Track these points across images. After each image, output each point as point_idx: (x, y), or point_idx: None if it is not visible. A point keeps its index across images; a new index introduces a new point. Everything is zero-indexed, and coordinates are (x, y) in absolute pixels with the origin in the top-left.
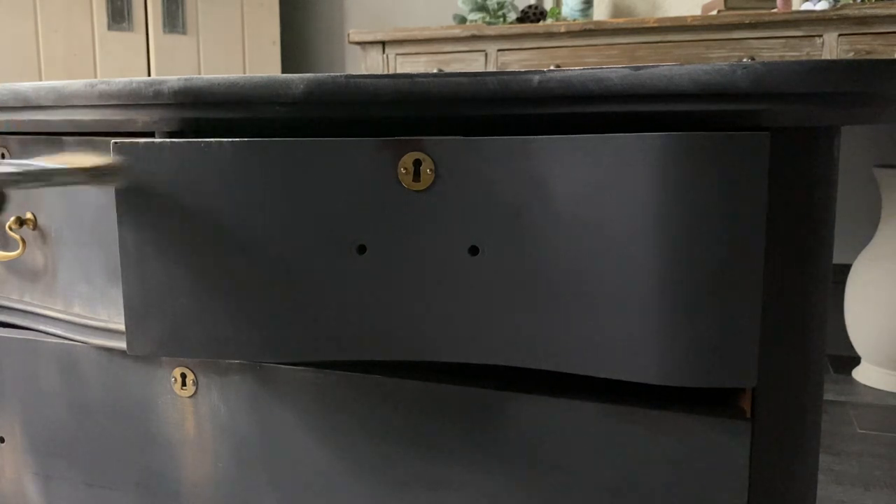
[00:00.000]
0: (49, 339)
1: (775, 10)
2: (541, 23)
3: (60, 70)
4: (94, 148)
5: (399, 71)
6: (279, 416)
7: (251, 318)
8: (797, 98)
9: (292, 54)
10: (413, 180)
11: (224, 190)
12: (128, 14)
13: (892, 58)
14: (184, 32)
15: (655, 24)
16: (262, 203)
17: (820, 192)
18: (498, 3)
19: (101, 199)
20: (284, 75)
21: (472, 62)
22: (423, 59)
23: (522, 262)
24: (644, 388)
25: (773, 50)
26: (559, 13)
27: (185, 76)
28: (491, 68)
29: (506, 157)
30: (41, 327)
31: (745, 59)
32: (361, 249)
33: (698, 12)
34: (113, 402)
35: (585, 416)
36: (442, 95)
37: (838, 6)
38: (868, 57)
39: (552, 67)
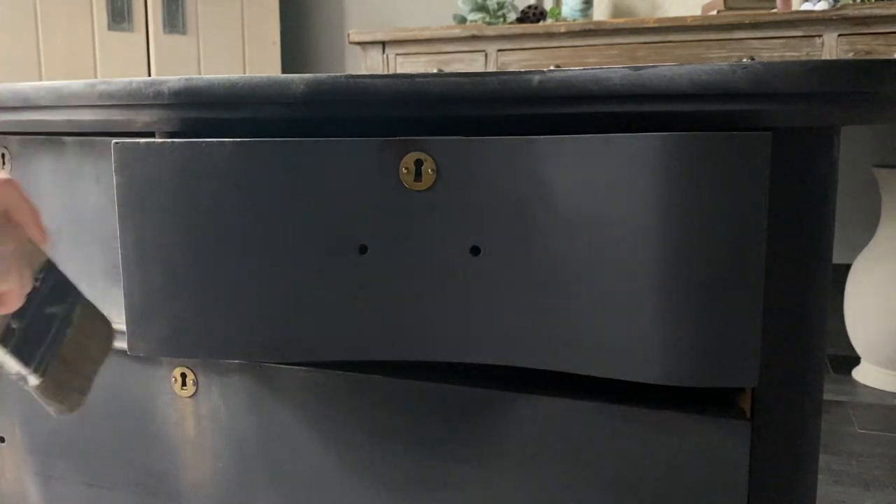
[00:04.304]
0: None
1: (775, 10)
2: (541, 23)
3: (60, 70)
4: (95, 148)
5: (399, 71)
6: (279, 416)
7: (251, 318)
8: (797, 98)
9: (292, 54)
10: (415, 180)
11: (224, 190)
12: (128, 14)
13: (892, 58)
14: (184, 32)
15: (655, 24)
16: (262, 203)
17: (820, 192)
18: (498, 3)
19: (101, 199)
20: (284, 75)
21: (472, 62)
22: (423, 59)
23: (523, 263)
24: (644, 387)
25: (773, 50)
26: (559, 13)
27: (185, 76)
28: (491, 68)
29: (507, 157)
30: None
31: (745, 59)
32: (363, 249)
33: (698, 12)
34: (113, 402)
35: (585, 416)
36: (442, 95)
37: (838, 6)
38: (868, 57)
39: (552, 67)
